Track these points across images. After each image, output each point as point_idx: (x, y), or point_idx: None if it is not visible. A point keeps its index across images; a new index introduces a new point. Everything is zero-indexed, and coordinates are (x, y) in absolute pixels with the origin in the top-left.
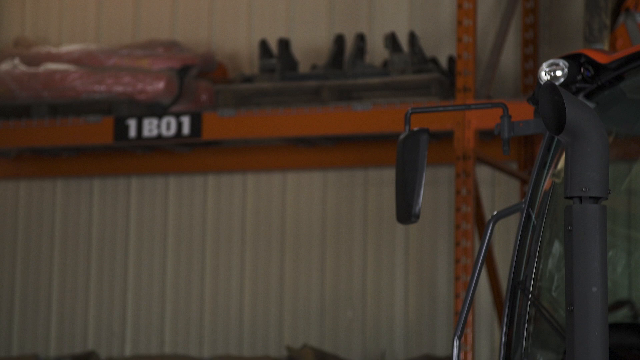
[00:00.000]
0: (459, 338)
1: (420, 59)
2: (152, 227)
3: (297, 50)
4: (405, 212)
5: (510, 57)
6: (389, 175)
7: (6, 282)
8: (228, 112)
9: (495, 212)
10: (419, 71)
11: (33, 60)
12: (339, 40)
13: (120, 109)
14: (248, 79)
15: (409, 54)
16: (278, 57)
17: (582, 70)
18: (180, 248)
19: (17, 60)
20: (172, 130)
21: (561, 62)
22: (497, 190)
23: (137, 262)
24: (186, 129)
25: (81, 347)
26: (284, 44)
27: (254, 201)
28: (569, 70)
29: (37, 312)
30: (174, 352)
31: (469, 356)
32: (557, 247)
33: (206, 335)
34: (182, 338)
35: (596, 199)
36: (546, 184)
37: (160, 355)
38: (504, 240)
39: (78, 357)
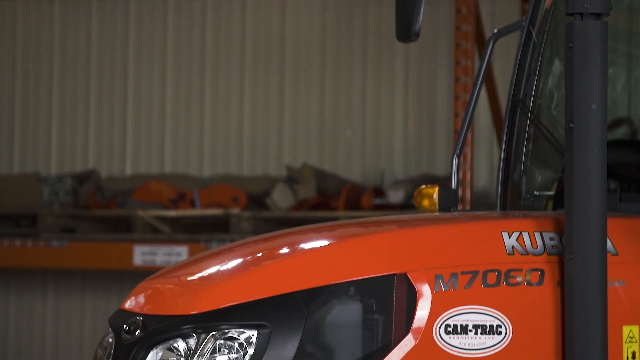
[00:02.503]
0: (458, 156)
1: None
2: (151, 47)
3: None
4: (405, 30)
5: None
6: None
7: (6, 103)
8: None
9: (495, 30)
10: None
11: None
12: None
13: None
14: None
15: None
16: None
17: None
18: (180, 68)
19: None
20: None
21: None
22: (498, 8)
23: (137, 83)
24: None
25: (82, 166)
26: None
27: (253, 23)
28: None
29: (37, 131)
30: (174, 172)
31: (468, 175)
32: (557, 65)
33: (206, 154)
34: (182, 157)
35: (598, 16)
36: (547, 1)
37: (161, 175)
38: (503, 59)
39: (79, 175)
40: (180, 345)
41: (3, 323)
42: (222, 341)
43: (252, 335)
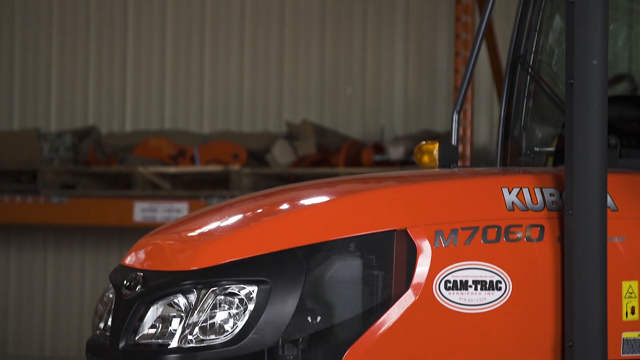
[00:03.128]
0: (458, 113)
1: None
2: (150, 3)
3: None
4: None
5: None
6: None
7: (5, 59)
8: None
9: None
10: None
11: None
12: None
13: None
14: None
15: None
16: None
17: None
18: (179, 24)
19: None
20: None
21: None
22: None
23: (136, 38)
24: None
25: (82, 122)
26: None
27: None
28: None
29: (37, 87)
30: (173, 128)
31: (468, 131)
32: (558, 21)
33: (206, 111)
34: (182, 114)
35: None
36: None
37: (160, 131)
38: (504, 15)
39: (79, 131)
40: (181, 300)
41: (4, 279)
42: (222, 297)
43: (253, 291)
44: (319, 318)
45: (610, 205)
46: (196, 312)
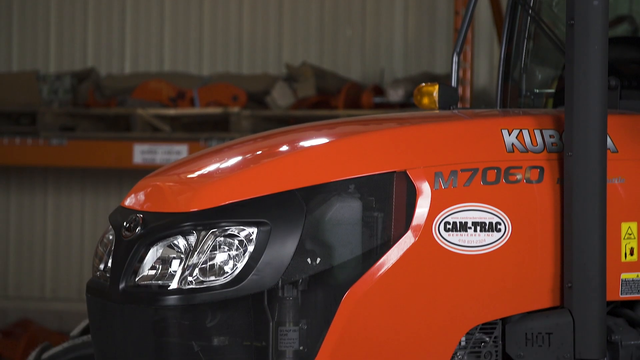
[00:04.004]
0: (458, 55)
1: None
2: None
3: None
4: None
5: None
6: None
7: (3, 1)
8: None
9: None
10: None
11: None
12: None
13: None
14: None
15: None
16: None
17: None
18: None
19: None
20: None
21: None
22: None
23: None
24: None
25: (81, 64)
26: None
27: None
28: None
29: (35, 29)
30: (173, 70)
31: (468, 73)
32: None
33: (205, 53)
34: (181, 56)
35: None
36: None
37: (160, 73)
38: None
39: (78, 74)
40: (180, 242)
41: (4, 221)
42: (222, 238)
43: (252, 233)
44: (318, 259)
45: (610, 146)
46: (196, 253)
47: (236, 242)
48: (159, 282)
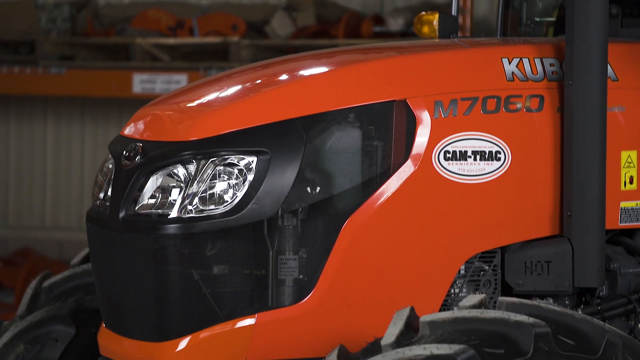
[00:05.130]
0: None
1: None
2: None
3: None
4: None
5: None
6: None
7: None
8: None
9: None
10: None
11: None
12: None
13: None
14: None
15: None
16: None
17: None
18: None
19: None
20: None
21: None
22: None
23: None
24: None
25: None
26: None
27: None
28: None
29: None
30: None
31: (468, 2)
32: None
33: None
34: None
35: None
36: None
37: (159, 2)
38: None
39: (76, 2)
40: (180, 171)
41: (3, 150)
42: (221, 167)
43: (252, 162)
44: (318, 188)
45: (611, 75)
46: (196, 182)
47: (236, 171)
48: (159, 210)
